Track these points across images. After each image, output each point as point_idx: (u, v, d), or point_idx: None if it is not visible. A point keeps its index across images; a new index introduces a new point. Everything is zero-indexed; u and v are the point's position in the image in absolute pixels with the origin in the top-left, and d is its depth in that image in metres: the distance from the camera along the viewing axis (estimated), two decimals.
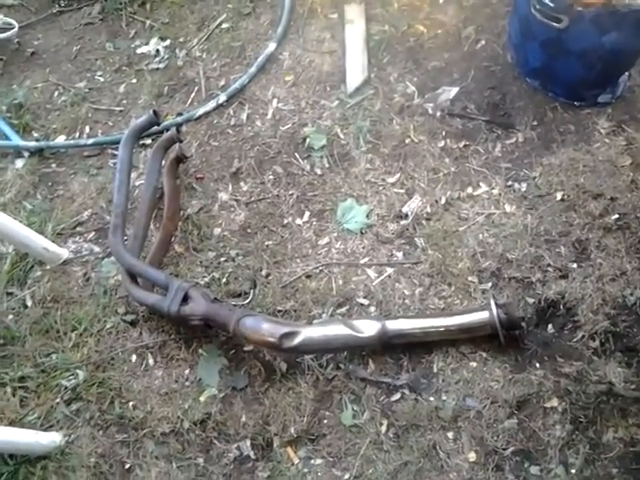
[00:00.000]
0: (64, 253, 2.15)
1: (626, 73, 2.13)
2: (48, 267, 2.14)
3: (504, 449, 1.63)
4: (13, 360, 1.97)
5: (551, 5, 1.92)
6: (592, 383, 1.66)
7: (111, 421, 1.85)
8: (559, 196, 1.97)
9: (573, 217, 1.92)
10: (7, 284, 2.12)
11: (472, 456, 1.64)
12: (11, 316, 2.06)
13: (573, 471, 1.59)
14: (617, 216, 1.89)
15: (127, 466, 1.78)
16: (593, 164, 1.99)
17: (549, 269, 1.84)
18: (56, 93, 2.62)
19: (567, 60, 2.05)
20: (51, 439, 1.80)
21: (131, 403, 1.86)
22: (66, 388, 1.90)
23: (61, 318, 2.02)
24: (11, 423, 1.85)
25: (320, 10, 2.57)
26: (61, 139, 2.46)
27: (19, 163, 2.42)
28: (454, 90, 2.25)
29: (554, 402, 1.67)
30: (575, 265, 1.84)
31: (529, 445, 1.63)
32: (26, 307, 2.07)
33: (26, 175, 2.37)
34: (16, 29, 2.75)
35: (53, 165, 2.41)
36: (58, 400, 1.89)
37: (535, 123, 2.13)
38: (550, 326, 1.78)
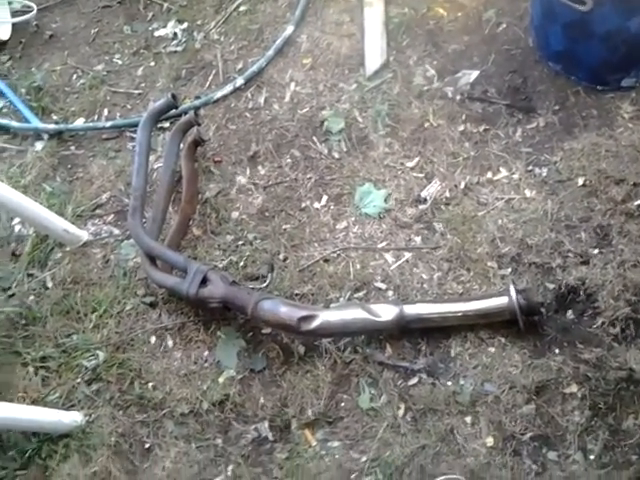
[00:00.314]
0: (84, 235, 2.17)
1: None
2: (68, 249, 2.16)
3: (522, 434, 1.63)
4: (35, 340, 2.00)
5: None
6: (612, 369, 1.64)
7: (131, 401, 1.87)
8: (580, 181, 1.94)
9: (594, 203, 1.90)
10: (28, 265, 2.14)
11: (490, 441, 1.64)
12: (32, 297, 2.08)
13: (592, 457, 1.58)
14: None
15: (147, 445, 1.81)
16: (616, 149, 1.96)
17: (569, 255, 1.83)
18: (75, 76, 2.63)
19: (590, 43, 2.01)
20: (72, 418, 1.83)
21: (150, 384, 1.88)
22: (87, 368, 1.92)
23: (81, 299, 2.04)
24: (34, 402, 1.88)
25: None
26: (80, 122, 2.47)
27: (39, 145, 2.44)
28: (474, 73, 2.23)
29: (573, 388, 1.66)
30: (596, 251, 1.82)
31: (547, 431, 1.63)
32: (47, 288, 2.09)
33: (45, 157, 2.38)
34: (35, 12, 2.75)
35: (72, 148, 2.43)
36: (79, 380, 1.92)
37: (557, 107, 2.10)
38: (570, 312, 1.76)
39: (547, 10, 2.09)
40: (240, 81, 2.39)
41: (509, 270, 1.84)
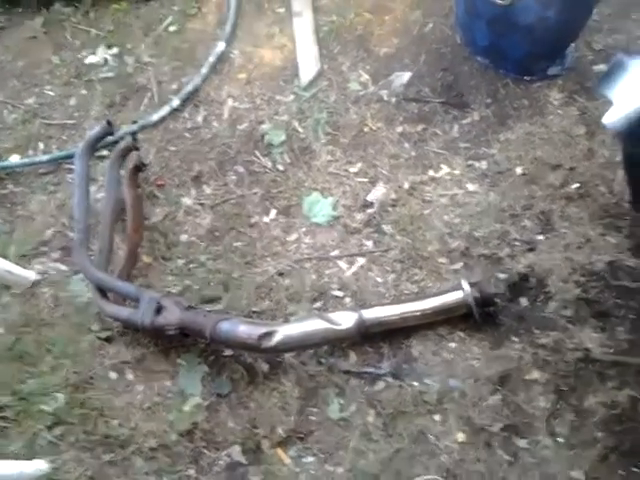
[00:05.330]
0: (31, 275, 2.10)
1: (572, 44, 2.17)
2: (15, 291, 2.08)
3: (491, 426, 1.66)
4: None
5: None
6: (569, 351, 1.69)
7: (97, 442, 1.80)
8: (519, 170, 2.00)
9: (535, 190, 1.95)
10: None
11: (461, 436, 1.66)
12: None
13: (560, 440, 1.62)
14: (577, 185, 1.93)
15: None
16: (549, 136, 2.03)
17: (516, 243, 1.88)
18: (5, 111, 2.54)
19: (514, 36, 2.07)
20: (36, 467, 1.75)
21: (115, 421, 1.82)
22: (47, 413, 1.85)
23: (34, 342, 1.96)
24: None
25: (267, 5, 2.55)
26: (15, 158, 2.39)
27: None
28: (407, 75, 2.26)
29: (535, 374, 1.70)
30: (541, 237, 1.88)
31: (515, 419, 1.66)
32: None
33: None
34: None
35: (9, 186, 2.34)
36: (40, 426, 1.84)
37: (489, 101, 2.16)
38: (523, 299, 1.81)
39: (470, 7, 2.14)
40: (176, 102, 2.36)
41: (460, 264, 1.88)
